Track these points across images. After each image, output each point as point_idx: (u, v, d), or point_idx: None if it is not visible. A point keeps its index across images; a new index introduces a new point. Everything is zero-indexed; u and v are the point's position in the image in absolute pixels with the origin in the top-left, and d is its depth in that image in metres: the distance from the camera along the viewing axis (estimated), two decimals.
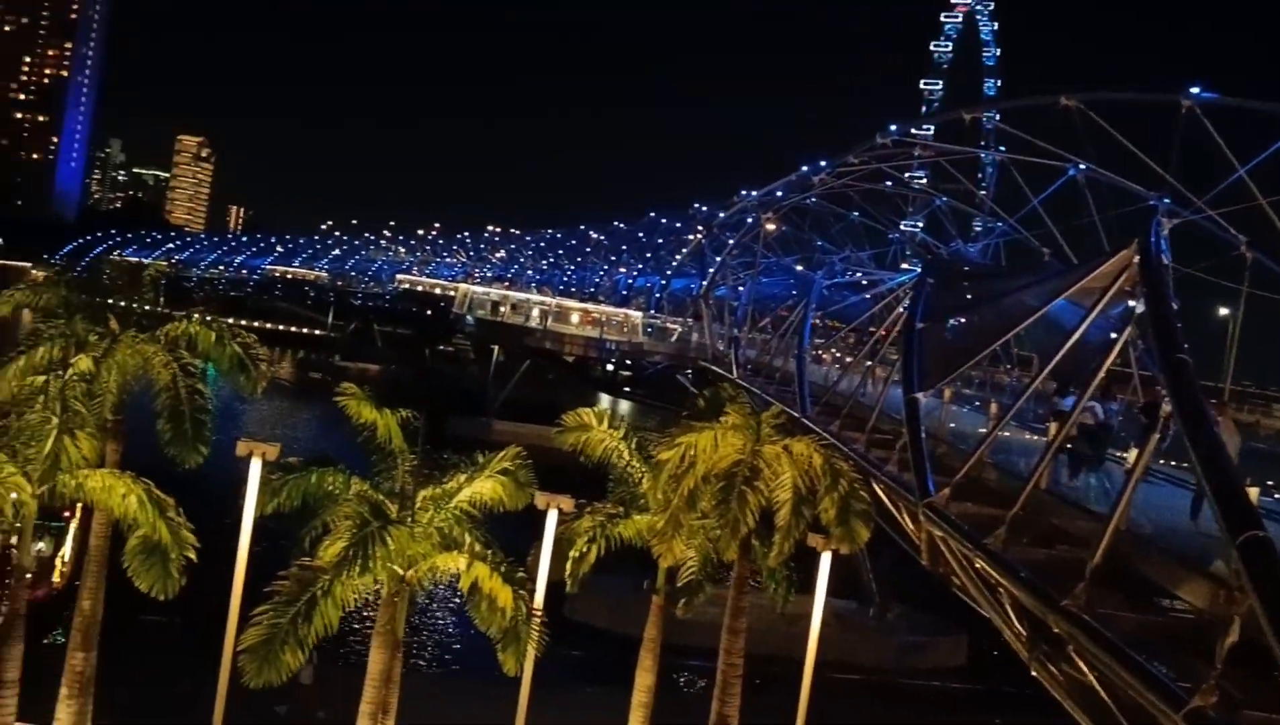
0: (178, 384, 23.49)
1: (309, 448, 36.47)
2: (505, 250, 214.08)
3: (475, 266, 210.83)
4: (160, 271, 29.53)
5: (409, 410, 22.98)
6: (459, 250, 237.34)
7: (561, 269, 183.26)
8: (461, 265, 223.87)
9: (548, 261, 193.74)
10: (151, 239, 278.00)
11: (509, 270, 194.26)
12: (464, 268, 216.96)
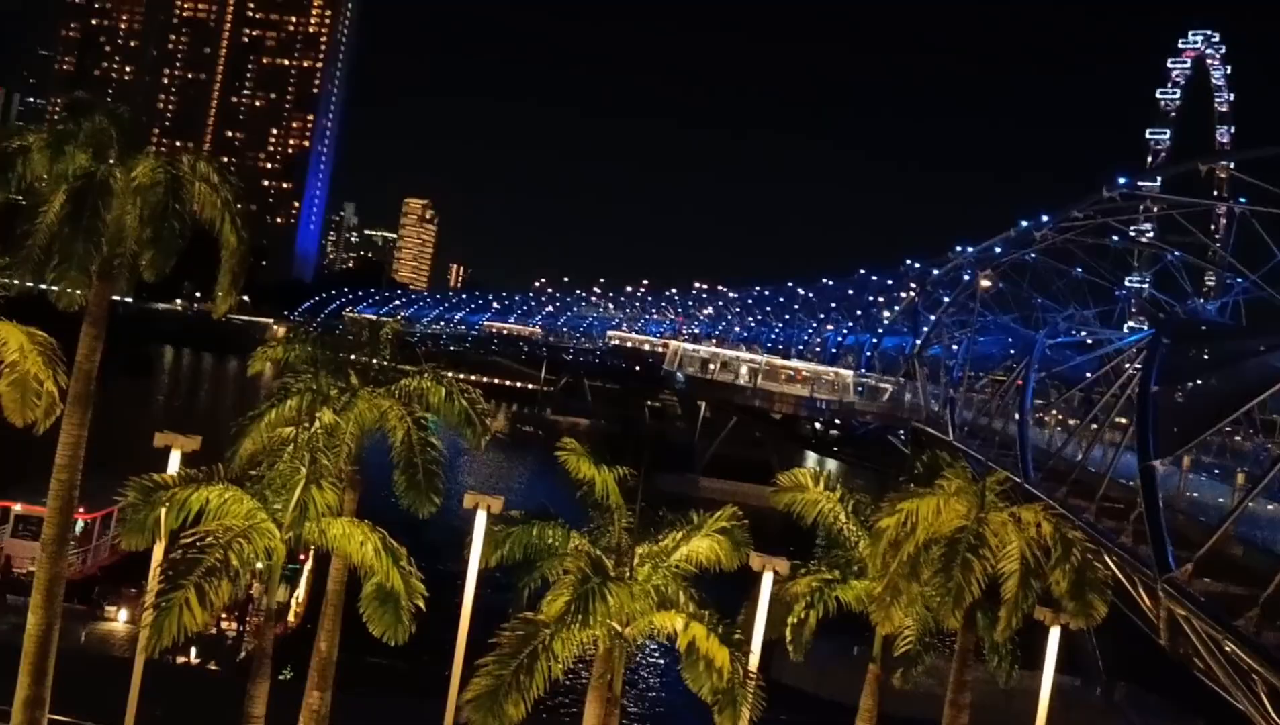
0: (411, 437, 24.64)
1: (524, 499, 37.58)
2: (713, 307, 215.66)
3: (683, 323, 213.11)
4: (395, 330, 31.13)
5: (625, 467, 23.32)
6: (667, 307, 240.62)
7: (769, 326, 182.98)
8: (670, 322, 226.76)
9: (755, 318, 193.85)
10: (379, 296, 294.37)
11: (717, 327, 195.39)
12: (672, 324, 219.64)
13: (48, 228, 25.29)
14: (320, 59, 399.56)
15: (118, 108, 27.44)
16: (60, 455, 24.53)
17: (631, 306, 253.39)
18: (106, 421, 25.14)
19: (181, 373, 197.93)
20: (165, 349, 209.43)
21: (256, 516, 20.42)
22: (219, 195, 27.24)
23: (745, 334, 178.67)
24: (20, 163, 25.20)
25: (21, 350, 22.93)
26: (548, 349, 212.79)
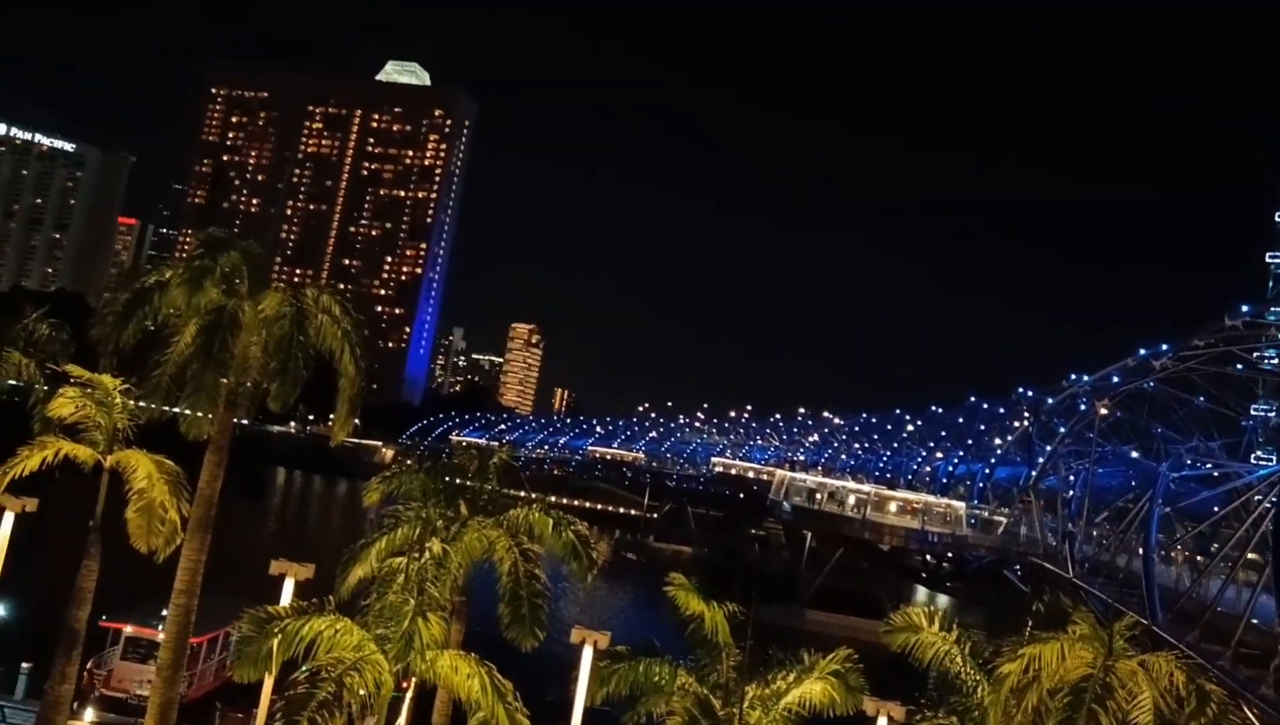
0: (518, 569, 24.57)
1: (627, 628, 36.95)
2: (818, 434, 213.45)
3: (788, 450, 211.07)
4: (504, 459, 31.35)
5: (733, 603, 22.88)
6: (771, 433, 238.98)
7: (877, 454, 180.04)
8: (774, 448, 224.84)
9: (862, 446, 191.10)
10: (486, 420, 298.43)
11: (822, 454, 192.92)
12: (777, 452, 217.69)
13: (178, 357, 26.40)
14: (434, 190, 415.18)
15: (249, 244, 28.71)
16: (179, 579, 25.12)
17: (735, 433, 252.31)
18: (218, 541, 25.60)
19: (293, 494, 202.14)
20: (278, 470, 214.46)
21: (366, 648, 20.46)
22: (340, 327, 28.19)
23: (852, 462, 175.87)
24: (157, 297, 26.47)
25: (150, 478, 23.70)
26: (651, 475, 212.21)
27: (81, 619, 24.26)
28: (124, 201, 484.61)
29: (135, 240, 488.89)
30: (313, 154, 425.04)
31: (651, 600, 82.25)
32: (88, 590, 23.98)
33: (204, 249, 27.28)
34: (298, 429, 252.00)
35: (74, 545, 26.33)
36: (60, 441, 23.75)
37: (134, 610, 42.08)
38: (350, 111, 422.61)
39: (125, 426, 24.40)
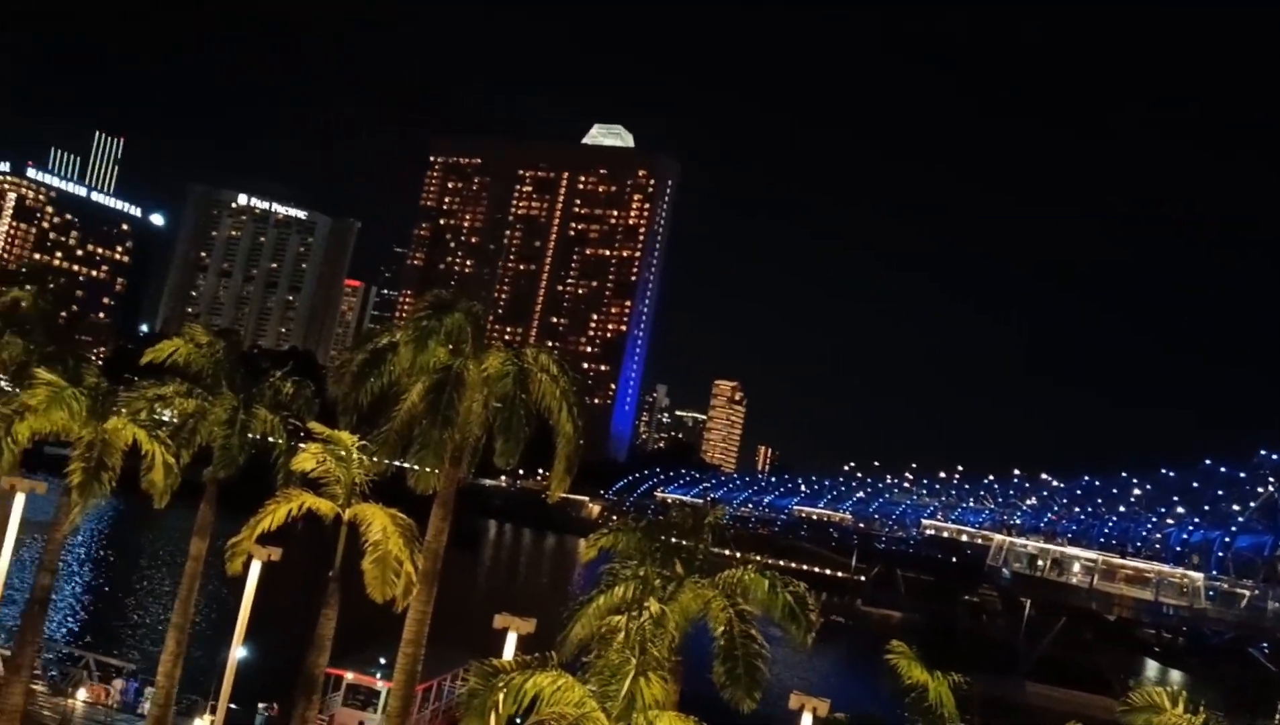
0: (734, 629, 24.25)
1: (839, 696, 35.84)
2: (1035, 497, 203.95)
3: (1003, 513, 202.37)
4: (718, 518, 31.14)
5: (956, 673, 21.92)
6: (985, 496, 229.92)
7: (1101, 519, 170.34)
8: (989, 512, 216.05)
9: (1084, 511, 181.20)
10: (690, 477, 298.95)
11: (1041, 518, 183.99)
12: (991, 514, 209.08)
13: (406, 414, 27.50)
14: (638, 249, 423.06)
15: (472, 305, 29.74)
16: (408, 630, 25.95)
17: (946, 494, 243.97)
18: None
19: (504, 546, 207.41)
20: (490, 523, 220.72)
21: (587, 705, 20.50)
22: (558, 386, 28.75)
23: (1073, 528, 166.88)
24: (390, 357, 27.69)
25: (384, 531, 24.64)
26: (858, 536, 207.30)
27: (321, 665, 25.34)
28: (350, 265, 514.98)
29: (360, 301, 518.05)
30: (523, 216, 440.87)
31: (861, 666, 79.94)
32: (326, 638, 25.07)
33: (429, 310, 28.32)
34: (508, 483, 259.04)
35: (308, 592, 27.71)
36: (304, 494, 25.07)
37: (354, 658, 43.71)
38: (558, 174, 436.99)
39: (362, 481, 25.52)
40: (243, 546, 24.83)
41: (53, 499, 29.98)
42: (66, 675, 41.03)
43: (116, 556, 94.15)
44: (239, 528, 28.15)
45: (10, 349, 31.21)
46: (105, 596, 78.26)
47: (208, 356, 28.97)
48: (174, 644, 28.24)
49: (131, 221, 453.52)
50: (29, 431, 24.44)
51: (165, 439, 25.78)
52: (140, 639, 66.43)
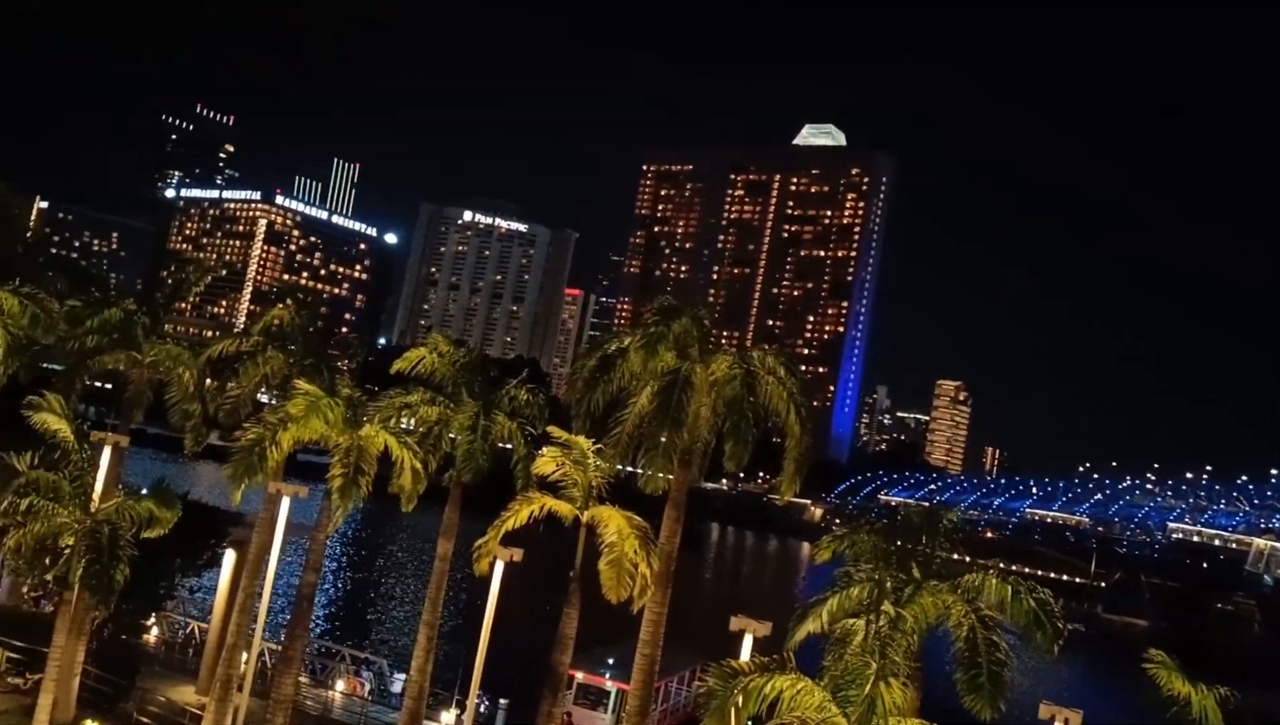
0: (976, 636, 23.49)
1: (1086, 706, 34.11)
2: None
3: (1259, 517, 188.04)
4: (952, 522, 30.25)
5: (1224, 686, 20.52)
6: (1239, 498, 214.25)
7: None
8: (1243, 515, 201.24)
9: None
10: (913, 480, 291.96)
11: None
12: (1246, 518, 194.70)
13: (636, 418, 27.98)
14: (853, 249, 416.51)
15: (699, 311, 30.02)
16: (644, 631, 26.39)
17: (1194, 496, 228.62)
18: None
19: (727, 548, 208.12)
20: (712, 526, 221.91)
21: (828, 710, 20.30)
22: (785, 388, 28.65)
23: None
24: (620, 362, 28.26)
25: (620, 532, 25.17)
26: (1097, 541, 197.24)
27: (565, 663, 26.11)
28: (569, 274, 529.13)
29: (579, 309, 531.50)
30: (735, 219, 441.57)
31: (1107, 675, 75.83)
32: (569, 636, 25.81)
33: (658, 316, 28.73)
34: (729, 486, 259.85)
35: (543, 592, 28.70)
36: (544, 497, 25.92)
37: (582, 657, 44.75)
38: (769, 177, 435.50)
39: (599, 483, 26.15)
40: (489, 547, 25.87)
41: (312, 503, 32.09)
42: (324, 668, 43.75)
43: (366, 556, 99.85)
44: (481, 529, 29.34)
45: (272, 363, 33.57)
46: (357, 594, 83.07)
47: (449, 365, 30.35)
48: (425, 640, 29.67)
49: (368, 241, 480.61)
50: (291, 439, 26.24)
51: (413, 445, 27.18)
52: (389, 634, 70.21)
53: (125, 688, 36.35)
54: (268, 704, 32.04)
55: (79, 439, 27.70)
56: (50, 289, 34.89)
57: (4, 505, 25.70)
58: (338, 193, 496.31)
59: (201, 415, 35.33)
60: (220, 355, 35.22)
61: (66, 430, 27.33)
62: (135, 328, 35.09)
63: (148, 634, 43.40)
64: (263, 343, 34.17)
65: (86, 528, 25.73)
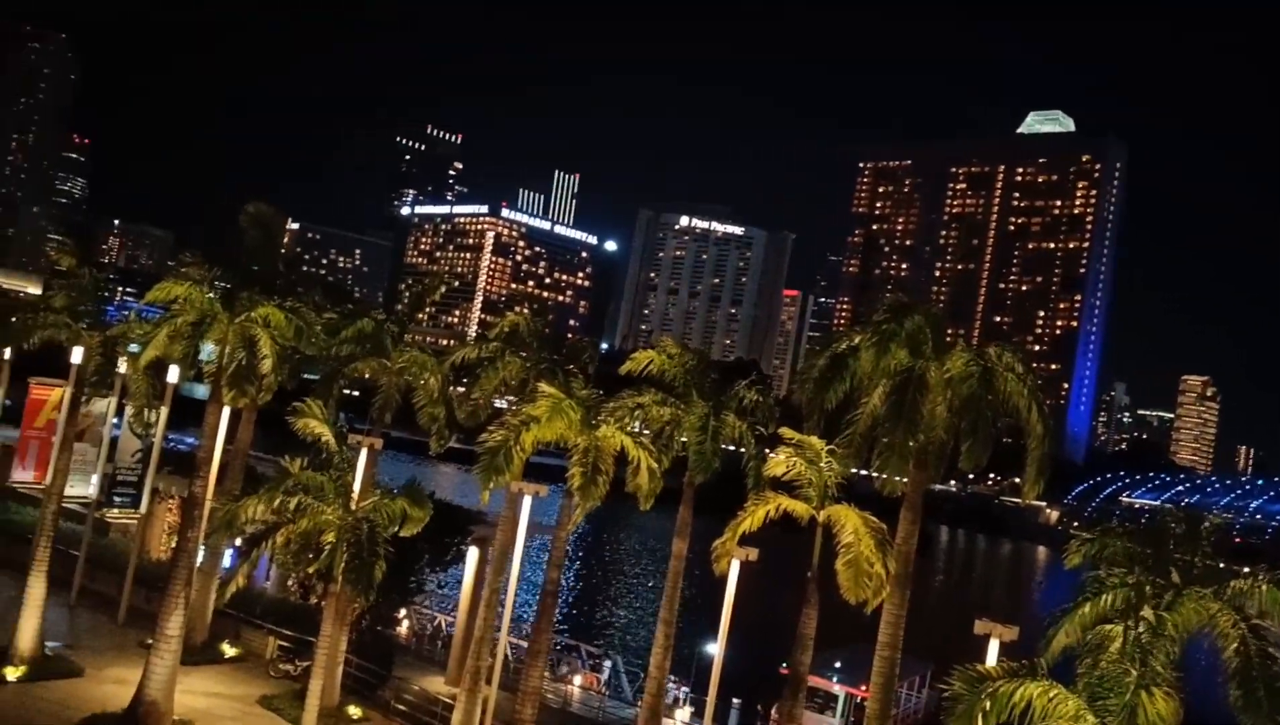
0: (1248, 647, 22.02)
1: None
2: None
3: None
4: (1215, 525, 28.46)
5: None
6: None
7: None
8: None
9: None
10: (1159, 481, 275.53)
11: None
12: None
13: (868, 417, 27.58)
14: (1085, 240, 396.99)
15: (931, 308, 29.34)
16: (883, 633, 25.99)
17: None
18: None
19: (956, 552, 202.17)
20: (941, 528, 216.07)
21: (1085, 718, 19.46)
22: (1025, 384, 27.64)
23: None
24: (851, 361, 27.94)
25: (856, 533, 24.90)
26: None
27: (805, 663, 26.04)
28: (787, 275, 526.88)
29: (798, 310, 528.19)
30: (957, 214, 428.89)
31: None
32: (808, 637, 25.72)
33: (888, 314, 28.26)
34: (959, 488, 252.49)
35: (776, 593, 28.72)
36: (780, 497, 25.94)
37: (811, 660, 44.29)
38: (993, 168, 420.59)
39: (833, 484, 25.97)
40: (727, 547, 26.10)
41: (547, 503, 33.17)
42: (562, 662, 45.10)
43: (595, 556, 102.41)
44: (710, 528, 29.65)
45: (510, 367, 34.94)
46: (588, 591, 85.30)
47: (679, 367, 30.79)
48: (663, 637, 30.17)
49: (589, 249, 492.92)
50: (533, 440, 27.25)
51: (649, 445, 27.73)
52: (620, 631, 71.79)
53: (383, 676, 38.60)
54: (512, 695, 33.34)
55: (339, 442, 29.57)
56: (309, 303, 37.36)
57: (276, 503, 27.71)
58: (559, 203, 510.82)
59: (446, 418, 37.10)
60: (462, 361, 36.89)
61: (328, 433, 29.23)
62: (385, 337, 37.21)
63: (399, 627, 45.87)
64: (501, 348, 35.58)
65: (348, 524, 27.46)
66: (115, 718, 30.76)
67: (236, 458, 39.98)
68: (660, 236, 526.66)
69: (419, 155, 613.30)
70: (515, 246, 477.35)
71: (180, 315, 32.49)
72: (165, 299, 32.85)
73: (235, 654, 39.92)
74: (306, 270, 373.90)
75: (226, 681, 37.20)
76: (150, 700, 30.86)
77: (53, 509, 36.37)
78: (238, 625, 41.17)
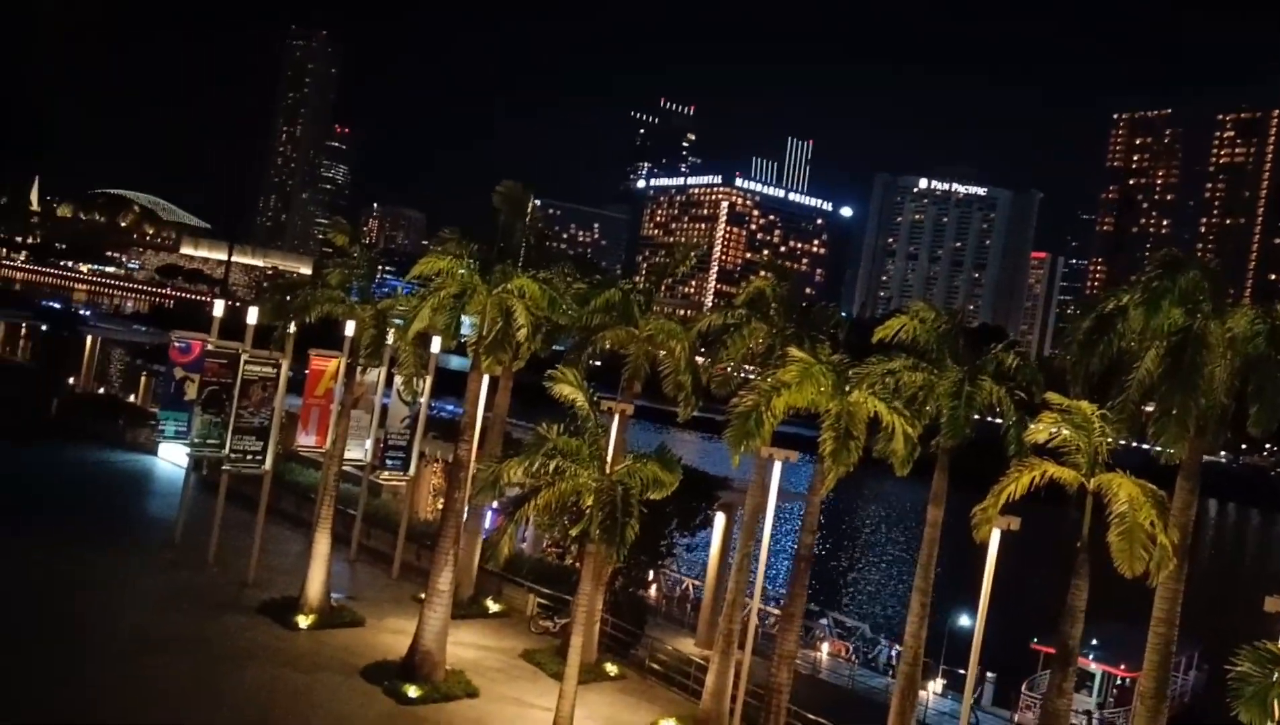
0: None
1: None
2: None
3: None
4: None
5: None
6: None
7: None
8: None
9: None
10: None
11: None
12: None
13: (1140, 383, 26.05)
14: None
15: (1210, 262, 27.41)
16: (1158, 608, 24.65)
17: None
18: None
19: (1225, 526, 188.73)
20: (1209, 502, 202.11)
21: None
22: None
23: None
24: (1120, 322, 26.46)
25: (1132, 501, 23.63)
26: None
27: (1076, 637, 25.03)
28: (1035, 237, 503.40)
29: (1046, 273, 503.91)
30: (1225, 165, 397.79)
31: None
32: (1079, 609, 24.69)
33: (1160, 270, 26.64)
34: (1228, 458, 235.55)
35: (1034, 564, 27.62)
36: (1046, 463, 24.91)
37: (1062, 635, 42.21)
38: (1265, 113, 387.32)
39: (1104, 451, 24.73)
40: (989, 514, 25.32)
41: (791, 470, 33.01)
42: (810, 630, 45.05)
43: (839, 525, 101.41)
44: (961, 499, 28.84)
45: (756, 334, 34.97)
46: (834, 560, 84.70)
47: (931, 331, 29.97)
48: (918, 606, 29.61)
49: (824, 216, 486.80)
50: (784, 405, 27.20)
51: (903, 411, 27.17)
52: (867, 601, 71.00)
53: (637, 635, 39.72)
54: (763, 660, 33.60)
55: (592, 408, 30.45)
56: (560, 275, 38.57)
57: (535, 466, 28.84)
58: (792, 171, 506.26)
59: (692, 386, 37.56)
60: (708, 328, 37.22)
61: (582, 399, 30.12)
62: (633, 306, 37.98)
63: (649, 590, 47.00)
64: (746, 315, 35.65)
65: (604, 487, 28.28)
66: (395, 665, 32.97)
67: (495, 423, 41.83)
68: (898, 200, 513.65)
69: (652, 129, 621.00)
70: (749, 215, 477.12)
71: (443, 288, 34.21)
72: (429, 272, 34.63)
73: (499, 610, 41.99)
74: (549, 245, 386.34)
75: (491, 635, 39.21)
76: (425, 650, 32.91)
77: (334, 471, 39.19)
78: (500, 583, 43.27)
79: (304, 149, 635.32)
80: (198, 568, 40.86)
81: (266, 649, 33.56)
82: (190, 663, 31.19)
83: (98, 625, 33.33)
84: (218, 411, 40.98)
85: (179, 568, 40.82)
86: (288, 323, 40.04)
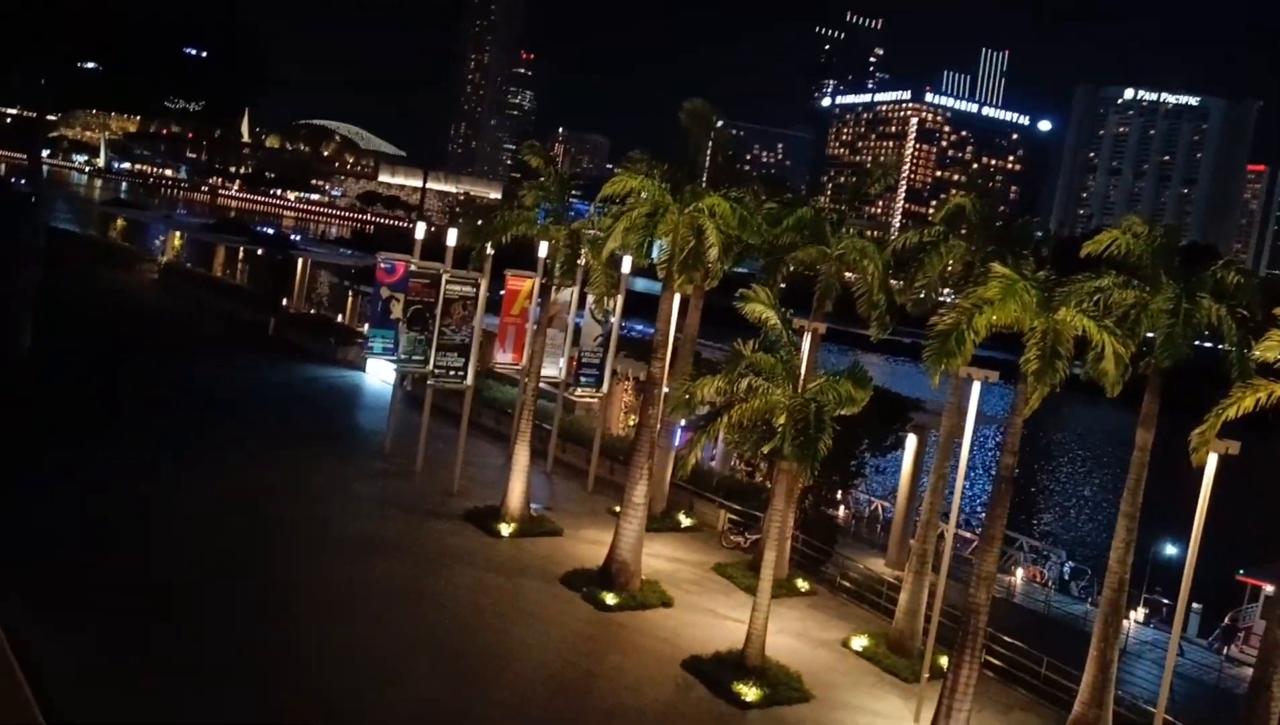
0: None
1: None
2: None
3: None
4: None
5: None
6: None
7: None
8: None
9: None
10: None
11: None
12: None
13: None
14: None
15: None
16: None
17: None
18: None
19: None
20: None
21: None
22: None
23: None
24: None
25: None
26: None
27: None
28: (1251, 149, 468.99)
29: (1264, 187, 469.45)
30: None
31: None
32: None
33: None
34: None
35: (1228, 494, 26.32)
36: (1273, 384, 23.60)
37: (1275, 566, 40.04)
38: None
39: None
40: (1206, 436, 24.19)
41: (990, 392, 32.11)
42: (1005, 555, 44.22)
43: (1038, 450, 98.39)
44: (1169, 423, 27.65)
45: (955, 252, 33.99)
46: (1032, 486, 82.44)
47: (1145, 247, 28.51)
48: (1124, 532, 28.68)
49: (1020, 130, 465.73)
50: (985, 323, 26.46)
51: (1114, 329, 26.05)
52: (1063, 528, 69.05)
53: (827, 553, 39.91)
54: (954, 583, 33.27)
55: (785, 326, 30.37)
56: (751, 193, 38.35)
57: (729, 383, 29.10)
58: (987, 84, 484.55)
59: (886, 306, 36.98)
60: (903, 246, 36.43)
61: (775, 317, 30.08)
62: (824, 225, 37.49)
63: (838, 509, 46.99)
64: (944, 232, 34.68)
65: (798, 404, 28.33)
66: (593, 573, 34.16)
67: (686, 343, 42.25)
68: (1101, 112, 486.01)
69: (838, 44, 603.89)
70: (940, 132, 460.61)
71: (635, 208, 34.55)
72: (620, 192, 34.98)
73: (690, 524, 42.83)
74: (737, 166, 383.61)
75: (684, 548, 40.08)
76: (621, 560, 33.95)
77: (532, 387, 40.49)
78: (691, 498, 44.07)
79: (491, 76, 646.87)
80: (406, 476, 43.12)
81: (473, 554, 35.28)
82: (411, 563, 33.20)
83: (331, 524, 35.97)
84: (421, 329, 42.83)
85: (390, 476, 43.18)
86: (485, 244, 41.23)
